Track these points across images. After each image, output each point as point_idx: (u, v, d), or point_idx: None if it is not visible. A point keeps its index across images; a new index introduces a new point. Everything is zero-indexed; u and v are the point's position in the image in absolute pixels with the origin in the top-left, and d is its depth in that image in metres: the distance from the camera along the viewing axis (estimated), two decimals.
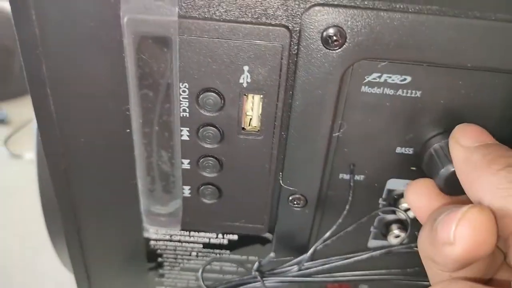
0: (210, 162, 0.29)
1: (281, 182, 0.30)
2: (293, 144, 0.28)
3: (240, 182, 0.30)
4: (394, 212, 0.33)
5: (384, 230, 0.34)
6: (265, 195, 0.30)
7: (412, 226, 0.33)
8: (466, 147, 0.24)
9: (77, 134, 0.28)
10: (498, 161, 0.22)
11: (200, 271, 0.30)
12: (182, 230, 0.33)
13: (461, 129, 0.26)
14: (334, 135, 0.29)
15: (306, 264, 0.32)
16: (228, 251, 0.34)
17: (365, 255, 0.30)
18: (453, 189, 0.28)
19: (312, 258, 0.31)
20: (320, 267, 0.32)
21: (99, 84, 0.26)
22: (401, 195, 0.32)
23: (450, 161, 0.27)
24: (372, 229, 0.34)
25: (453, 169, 0.27)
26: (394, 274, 0.31)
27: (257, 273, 0.31)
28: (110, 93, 0.27)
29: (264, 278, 0.31)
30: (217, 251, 0.34)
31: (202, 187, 0.30)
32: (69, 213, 0.32)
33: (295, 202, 0.30)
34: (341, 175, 0.31)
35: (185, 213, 0.32)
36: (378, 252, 0.30)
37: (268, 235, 0.33)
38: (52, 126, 0.28)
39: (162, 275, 0.36)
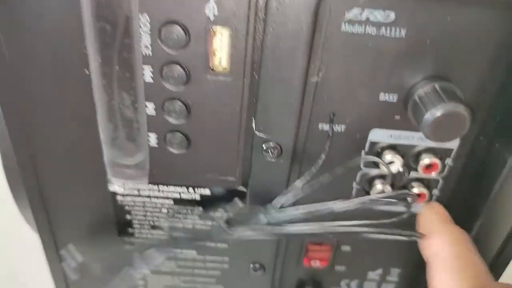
0: (177, 106, 0.26)
1: (254, 129, 0.27)
2: (265, 87, 0.26)
3: (210, 130, 0.28)
4: (376, 165, 0.31)
5: (367, 186, 0.32)
6: (237, 144, 0.28)
7: (395, 180, 0.31)
8: None
9: (34, 78, 0.26)
10: None
11: (167, 222, 0.28)
12: (150, 183, 0.31)
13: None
14: (312, 80, 0.27)
15: (276, 215, 0.30)
16: (200, 208, 0.32)
17: (338, 205, 0.28)
18: (439, 135, 0.26)
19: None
20: (289, 218, 0.30)
21: (54, 20, 0.24)
22: (385, 148, 0.30)
23: (435, 105, 0.25)
24: (354, 185, 0.32)
25: (439, 114, 0.25)
26: (367, 226, 0.29)
27: (223, 223, 0.29)
28: (66, 31, 0.24)
29: (231, 228, 0.29)
30: (189, 207, 0.32)
31: (169, 135, 0.28)
32: (28, 166, 0.30)
33: (269, 151, 0.28)
34: (320, 125, 0.29)
35: (152, 164, 0.29)
36: (354, 202, 0.28)
37: (242, 188, 0.31)
38: (6, 69, 0.25)
39: (131, 234, 0.34)
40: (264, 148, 0.28)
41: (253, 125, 0.27)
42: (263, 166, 0.29)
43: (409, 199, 0.30)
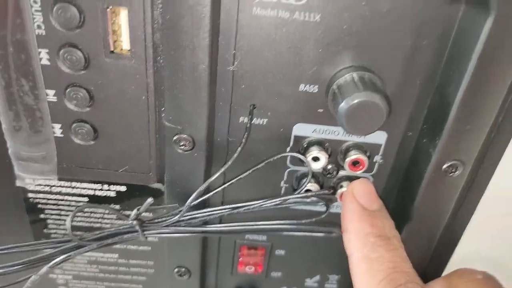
0: (78, 92, 0.25)
1: (162, 118, 0.26)
2: (172, 74, 0.24)
3: (116, 119, 0.26)
4: (301, 162, 0.29)
5: (296, 185, 0.31)
6: (147, 136, 0.26)
7: (324, 178, 0.30)
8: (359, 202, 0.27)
9: None
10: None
11: (69, 218, 0.26)
12: (61, 180, 0.29)
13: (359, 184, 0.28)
14: (228, 69, 0.26)
15: (189, 214, 0.28)
16: (117, 206, 0.30)
17: (255, 204, 0.26)
18: (355, 126, 0.25)
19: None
20: (207, 217, 0.28)
21: None
22: (312, 143, 0.29)
23: (351, 95, 0.24)
24: (282, 183, 0.31)
25: (355, 101, 0.24)
26: (288, 225, 0.27)
27: (134, 222, 0.28)
28: None
29: (143, 228, 0.27)
30: (105, 205, 0.30)
31: (74, 125, 0.26)
32: None
33: (181, 144, 0.26)
34: (241, 118, 0.28)
35: (61, 157, 0.28)
36: (269, 202, 0.26)
37: (159, 185, 0.29)
38: None
39: (47, 236, 0.32)
40: (175, 139, 0.26)
41: (162, 115, 0.26)
42: (176, 159, 0.27)
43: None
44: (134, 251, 0.32)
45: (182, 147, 0.26)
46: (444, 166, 0.27)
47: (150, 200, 0.27)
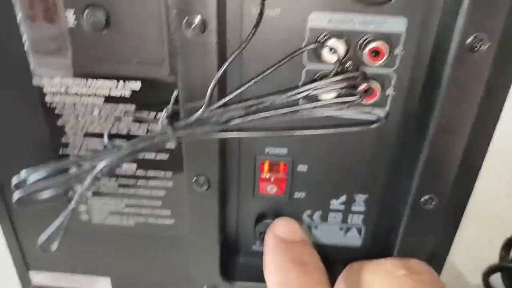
0: None
1: None
2: None
3: (128, 4, 0.26)
4: (320, 59, 0.28)
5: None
6: (160, 23, 0.26)
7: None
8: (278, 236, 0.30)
9: None
10: None
11: (107, 129, 0.26)
12: (77, 77, 0.29)
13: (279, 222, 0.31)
14: None
15: (215, 112, 0.27)
16: (132, 106, 0.30)
17: (280, 98, 0.26)
18: None
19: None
20: (229, 114, 0.27)
21: None
22: (328, 36, 0.28)
23: None
24: (300, 85, 0.30)
25: None
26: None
27: (165, 122, 0.27)
28: None
29: (175, 131, 0.26)
30: (121, 106, 0.30)
31: (87, 10, 0.26)
32: None
33: (192, 26, 0.25)
34: (254, 10, 0.27)
35: (75, 50, 0.27)
36: (295, 92, 0.26)
37: (174, 79, 0.28)
38: None
39: (65, 145, 0.32)
40: (186, 22, 0.25)
41: None
42: (188, 45, 0.26)
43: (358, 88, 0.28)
44: (152, 161, 0.32)
45: (192, 30, 0.26)
46: (469, 40, 0.25)
47: (175, 93, 0.26)
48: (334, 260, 0.34)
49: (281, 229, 0.30)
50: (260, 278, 0.38)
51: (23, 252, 0.38)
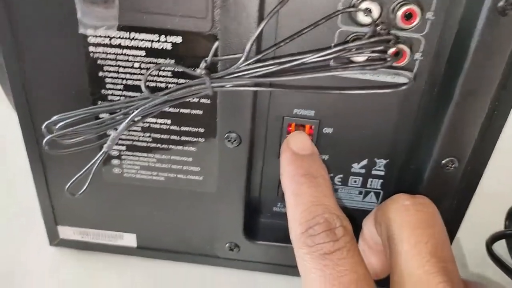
0: None
1: None
2: None
3: None
4: (355, 21, 0.29)
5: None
6: None
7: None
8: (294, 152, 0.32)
9: None
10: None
11: (147, 73, 0.28)
12: (121, 30, 0.30)
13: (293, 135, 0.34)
14: None
15: (252, 66, 0.29)
16: (173, 60, 0.31)
17: (311, 57, 0.27)
18: None
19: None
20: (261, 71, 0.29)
21: None
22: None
23: None
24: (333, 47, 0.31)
25: None
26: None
27: (204, 72, 0.29)
28: None
29: (212, 80, 0.28)
30: (161, 60, 0.31)
31: None
32: None
33: None
34: None
35: (121, 2, 0.29)
36: (327, 52, 0.28)
37: (215, 32, 0.30)
38: None
39: (104, 97, 0.33)
40: None
41: None
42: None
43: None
44: (186, 115, 0.33)
45: None
46: (500, 4, 0.26)
47: (216, 44, 0.28)
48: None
49: (294, 140, 0.33)
50: (281, 239, 0.39)
51: (53, 206, 0.39)
